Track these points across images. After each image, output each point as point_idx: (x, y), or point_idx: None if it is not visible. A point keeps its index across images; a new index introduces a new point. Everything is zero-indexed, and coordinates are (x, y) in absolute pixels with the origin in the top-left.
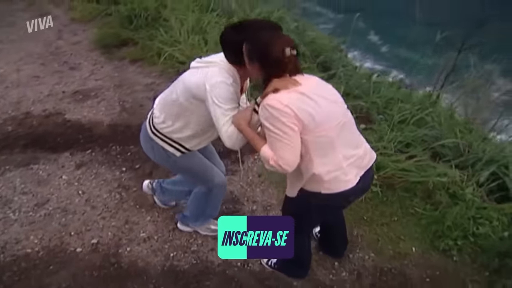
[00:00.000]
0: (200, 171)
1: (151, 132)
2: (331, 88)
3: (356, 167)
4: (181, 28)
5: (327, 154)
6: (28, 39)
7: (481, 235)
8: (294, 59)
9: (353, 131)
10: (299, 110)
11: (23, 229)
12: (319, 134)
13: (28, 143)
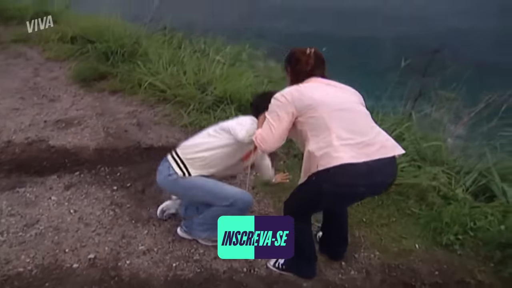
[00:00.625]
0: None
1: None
2: (343, 86)
3: (354, 150)
4: (158, 61)
5: (319, 134)
6: (4, 77)
7: (479, 229)
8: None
9: (357, 119)
10: (292, 98)
11: (13, 249)
12: (311, 115)
13: (12, 168)
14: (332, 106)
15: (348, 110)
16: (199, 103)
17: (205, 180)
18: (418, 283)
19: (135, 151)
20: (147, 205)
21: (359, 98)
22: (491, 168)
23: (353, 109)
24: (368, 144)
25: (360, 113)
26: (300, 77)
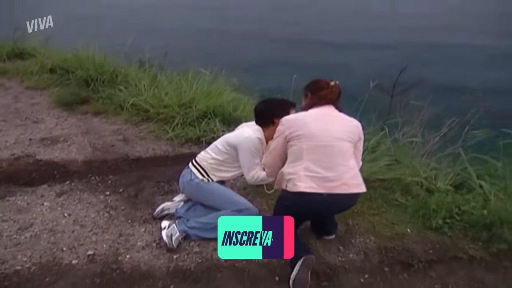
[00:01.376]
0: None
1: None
2: (344, 117)
3: (316, 182)
4: (139, 84)
5: (295, 161)
6: None
7: (464, 213)
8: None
9: (330, 156)
10: (288, 126)
11: (8, 251)
12: (295, 143)
13: (1, 179)
14: (316, 140)
15: (327, 147)
16: (183, 118)
17: (222, 187)
18: (415, 261)
19: (123, 162)
20: (141, 208)
21: (349, 133)
22: (467, 167)
23: (333, 146)
24: (331, 180)
25: (337, 151)
26: (315, 103)
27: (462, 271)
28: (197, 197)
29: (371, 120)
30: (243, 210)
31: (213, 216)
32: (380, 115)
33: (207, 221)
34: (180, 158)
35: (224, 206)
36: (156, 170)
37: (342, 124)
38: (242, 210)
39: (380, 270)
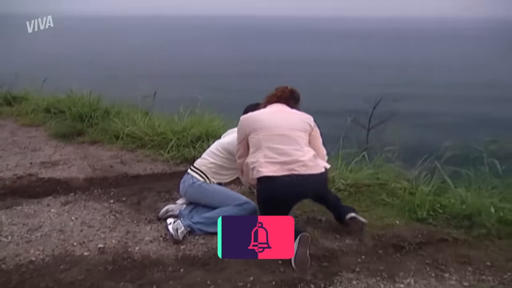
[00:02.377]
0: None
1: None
2: (295, 112)
3: (276, 167)
4: (133, 116)
5: (255, 151)
6: None
7: (445, 208)
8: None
9: (285, 143)
10: (246, 123)
11: (21, 247)
12: (253, 136)
13: (6, 193)
14: (271, 131)
15: (282, 136)
16: (178, 142)
17: (222, 187)
18: (406, 244)
19: (123, 178)
20: (145, 212)
21: (302, 124)
22: (443, 176)
23: (287, 135)
24: (288, 163)
25: (291, 139)
26: (270, 101)
27: (448, 249)
28: (199, 198)
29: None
30: (244, 204)
31: (216, 211)
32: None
33: (211, 215)
34: (178, 174)
35: (226, 202)
36: (156, 184)
37: (293, 117)
38: (243, 204)
39: (375, 252)
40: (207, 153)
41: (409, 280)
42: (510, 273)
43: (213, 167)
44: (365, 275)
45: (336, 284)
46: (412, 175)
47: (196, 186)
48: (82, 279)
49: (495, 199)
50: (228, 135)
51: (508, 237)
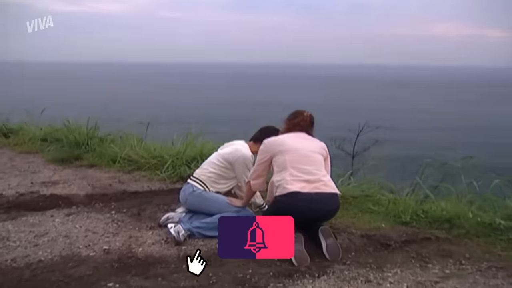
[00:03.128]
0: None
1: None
2: (315, 139)
3: (302, 184)
4: (129, 142)
5: (281, 171)
6: None
7: (427, 213)
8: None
9: (309, 164)
10: (270, 146)
11: (29, 249)
12: (279, 157)
13: (10, 207)
14: (296, 153)
15: (306, 157)
16: (174, 163)
17: (220, 195)
18: (392, 242)
19: (123, 194)
20: (145, 221)
21: (320, 150)
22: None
23: (310, 157)
24: (312, 182)
25: (313, 160)
26: (291, 128)
27: (431, 246)
28: (199, 206)
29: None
30: (241, 211)
31: (215, 217)
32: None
33: (209, 221)
34: (175, 191)
35: (224, 209)
36: (154, 198)
37: (313, 143)
38: (240, 211)
39: (364, 249)
40: (206, 163)
41: (396, 270)
42: (486, 262)
43: (212, 176)
44: (356, 267)
45: (329, 274)
46: (396, 188)
47: (196, 194)
48: (90, 274)
49: (473, 207)
50: (227, 147)
51: (485, 235)
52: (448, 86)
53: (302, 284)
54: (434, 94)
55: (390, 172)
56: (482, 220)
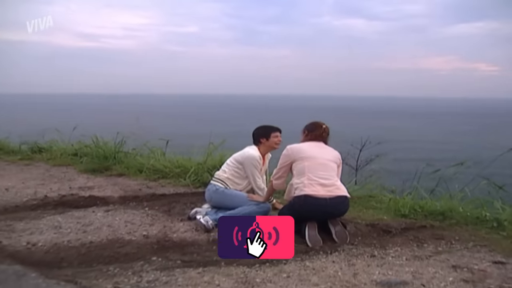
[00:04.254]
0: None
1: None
2: (330, 149)
3: (317, 188)
4: (151, 155)
5: (299, 175)
6: (22, 172)
7: (423, 207)
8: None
9: (325, 170)
10: (292, 152)
11: (79, 235)
12: (299, 163)
13: (56, 205)
14: (313, 160)
15: (322, 164)
16: (197, 171)
17: (241, 192)
18: (393, 229)
19: (152, 196)
20: (175, 216)
21: (335, 158)
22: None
23: (325, 164)
24: (327, 186)
25: (329, 167)
26: (311, 138)
27: (427, 232)
28: (223, 201)
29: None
30: (260, 204)
31: (238, 209)
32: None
33: (233, 212)
34: (199, 194)
35: (245, 203)
36: (181, 199)
37: (329, 152)
38: (260, 204)
39: (369, 235)
40: (224, 165)
41: (397, 248)
42: (472, 242)
43: (229, 176)
44: (362, 246)
45: (340, 251)
46: (395, 189)
47: (220, 192)
48: (135, 252)
49: (462, 204)
50: (240, 151)
51: (472, 224)
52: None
53: (317, 258)
54: (433, 124)
55: (390, 181)
56: (471, 214)
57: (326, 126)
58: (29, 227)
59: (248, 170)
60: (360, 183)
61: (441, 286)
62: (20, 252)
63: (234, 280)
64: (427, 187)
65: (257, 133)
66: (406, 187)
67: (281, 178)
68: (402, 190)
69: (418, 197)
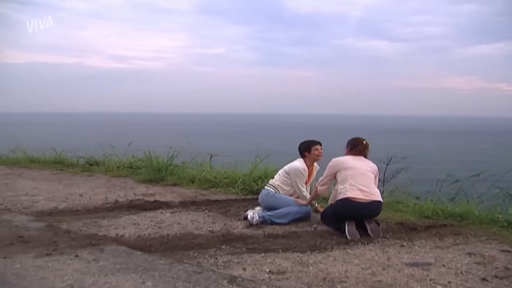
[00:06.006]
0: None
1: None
2: (369, 161)
3: (357, 192)
4: (200, 168)
5: (343, 182)
6: (87, 182)
7: (444, 210)
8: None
9: (364, 179)
10: (337, 164)
11: (155, 230)
12: (342, 172)
13: (128, 207)
14: (354, 170)
15: (362, 173)
16: (243, 181)
17: (288, 196)
18: (418, 227)
19: (208, 202)
20: (232, 217)
21: (372, 169)
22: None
23: (365, 173)
24: (366, 191)
25: (367, 177)
26: (354, 153)
27: (447, 229)
28: (272, 203)
29: None
30: (303, 206)
31: (282, 209)
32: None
33: (278, 211)
34: (248, 200)
35: (291, 205)
36: (234, 203)
37: (368, 164)
38: (302, 206)
39: (398, 231)
40: (276, 174)
41: (422, 241)
42: (485, 237)
43: (279, 183)
44: (393, 239)
45: (375, 243)
46: (420, 196)
47: (270, 195)
48: (206, 243)
49: (478, 208)
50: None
51: (486, 223)
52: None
53: (357, 247)
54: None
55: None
56: (485, 216)
57: (367, 142)
58: (112, 223)
59: (293, 179)
60: (388, 193)
61: (457, 266)
62: (117, 239)
63: (292, 261)
64: (447, 196)
65: (301, 148)
66: (429, 195)
67: (326, 185)
68: (425, 197)
69: (440, 203)
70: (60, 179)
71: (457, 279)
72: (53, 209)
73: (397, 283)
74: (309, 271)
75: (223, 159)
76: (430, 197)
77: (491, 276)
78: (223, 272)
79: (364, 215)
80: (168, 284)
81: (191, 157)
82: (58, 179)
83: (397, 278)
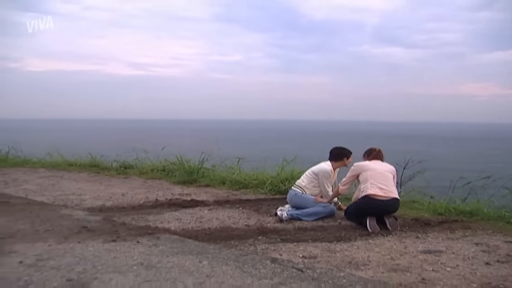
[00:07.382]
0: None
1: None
2: (387, 164)
3: (377, 190)
4: (230, 170)
5: (365, 182)
6: (126, 183)
7: (456, 208)
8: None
9: (383, 178)
10: (358, 167)
11: (197, 224)
12: (364, 174)
13: (169, 205)
14: (375, 171)
15: (381, 173)
16: (273, 181)
17: (313, 196)
18: (432, 222)
19: (240, 201)
20: (264, 213)
21: (391, 170)
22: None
23: (383, 174)
24: (385, 189)
25: (386, 177)
26: (371, 158)
27: (458, 224)
28: (299, 203)
29: None
30: (326, 206)
31: (309, 208)
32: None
33: (305, 210)
34: (277, 199)
35: (316, 205)
36: (264, 202)
37: (386, 165)
38: (326, 206)
39: (414, 226)
40: (303, 175)
41: (435, 233)
42: (491, 230)
43: (306, 184)
44: (409, 232)
45: (393, 234)
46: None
47: (298, 196)
48: (244, 234)
49: (487, 207)
50: (315, 165)
51: (494, 220)
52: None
53: (377, 238)
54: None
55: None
56: (493, 213)
57: (380, 149)
58: (157, 218)
59: (321, 179)
60: (404, 193)
61: (465, 253)
62: (168, 230)
63: (321, 249)
64: (460, 197)
65: (343, 153)
66: (442, 195)
67: (346, 185)
68: (439, 197)
69: (452, 202)
70: (99, 181)
71: (464, 263)
72: (102, 206)
73: (413, 266)
74: (337, 256)
75: (246, 164)
76: (443, 197)
77: (494, 261)
78: (264, 255)
79: (383, 211)
80: (222, 262)
81: (220, 161)
82: (97, 180)
83: (412, 262)
